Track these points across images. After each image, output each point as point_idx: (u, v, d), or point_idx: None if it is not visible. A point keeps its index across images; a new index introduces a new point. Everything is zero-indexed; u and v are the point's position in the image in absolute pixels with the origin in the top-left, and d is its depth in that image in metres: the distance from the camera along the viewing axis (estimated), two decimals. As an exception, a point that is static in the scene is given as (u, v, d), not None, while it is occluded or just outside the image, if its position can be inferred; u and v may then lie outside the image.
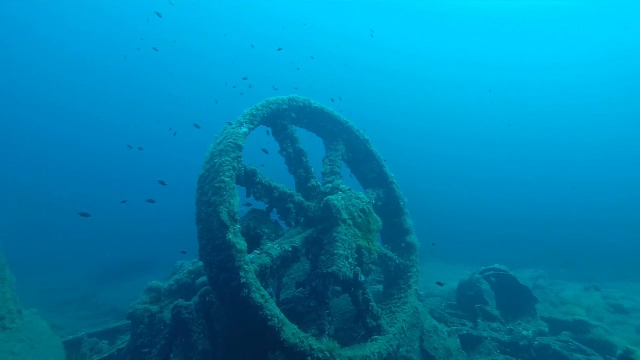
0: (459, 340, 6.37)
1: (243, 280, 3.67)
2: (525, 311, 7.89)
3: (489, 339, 6.68)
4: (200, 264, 7.19)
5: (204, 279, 5.88)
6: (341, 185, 5.19)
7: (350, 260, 4.59)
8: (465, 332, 6.66)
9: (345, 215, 4.79)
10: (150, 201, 7.47)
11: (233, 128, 4.45)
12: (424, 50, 52.17)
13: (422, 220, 6.64)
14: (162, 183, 7.25)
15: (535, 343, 6.52)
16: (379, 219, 5.35)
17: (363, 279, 4.99)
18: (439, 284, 7.60)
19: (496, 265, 8.53)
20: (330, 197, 4.83)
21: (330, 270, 4.39)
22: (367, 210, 5.19)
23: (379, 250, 5.24)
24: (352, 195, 5.11)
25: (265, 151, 6.41)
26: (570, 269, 14.34)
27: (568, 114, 49.96)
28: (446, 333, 6.34)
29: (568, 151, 44.95)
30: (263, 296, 3.76)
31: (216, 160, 4.15)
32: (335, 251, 4.50)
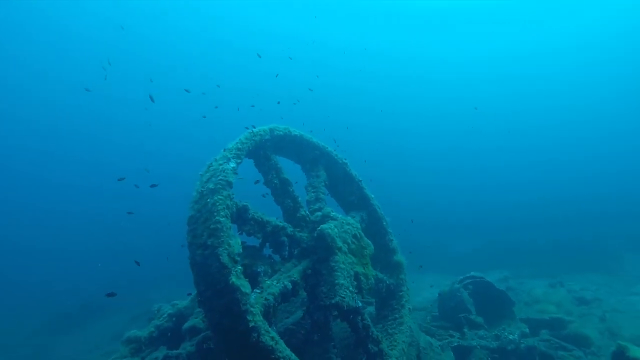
0: (452, 353, 6.48)
1: (252, 324, 3.52)
2: (505, 314, 8.19)
3: (478, 347, 6.85)
4: (181, 305, 6.80)
5: (192, 323, 5.55)
6: (331, 213, 5.17)
7: (350, 288, 4.55)
8: (456, 344, 6.78)
9: (339, 243, 4.76)
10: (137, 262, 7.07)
11: (220, 164, 4.32)
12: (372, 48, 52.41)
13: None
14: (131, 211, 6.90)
15: (522, 346, 6.78)
16: (370, 242, 5.38)
17: (360, 304, 4.96)
18: (431, 286, 7.70)
19: (472, 273, 8.82)
20: (323, 226, 4.79)
21: (334, 302, 4.32)
22: (358, 235, 5.20)
23: (374, 274, 5.23)
24: (343, 222, 5.11)
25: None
26: (532, 267, 15.18)
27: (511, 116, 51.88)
28: (439, 347, 6.42)
29: (518, 151, 46.97)
30: (273, 338, 3.62)
31: (208, 200, 3.99)
32: (336, 281, 4.45)
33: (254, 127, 5.19)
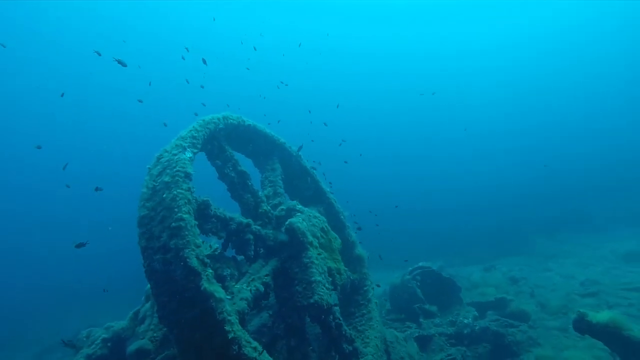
0: (415, 344, 6.44)
1: (231, 336, 3.01)
2: (453, 300, 8.44)
3: (437, 335, 6.92)
4: (118, 326, 5.88)
5: (137, 345, 4.74)
6: (297, 206, 4.78)
7: (327, 285, 4.21)
8: (417, 334, 6.78)
9: (310, 238, 4.40)
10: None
11: (174, 154, 3.71)
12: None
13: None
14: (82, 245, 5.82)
15: (476, 328, 7.00)
16: (337, 235, 5.09)
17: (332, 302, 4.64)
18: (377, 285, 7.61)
19: (421, 264, 8.97)
20: (291, 220, 4.39)
21: (312, 301, 3.94)
22: (325, 228, 4.89)
23: (345, 268, 4.94)
24: (310, 215, 4.75)
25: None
26: (462, 255, 16.18)
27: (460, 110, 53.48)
28: (403, 339, 6.34)
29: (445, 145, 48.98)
30: (255, 348, 3.15)
31: (164, 195, 3.38)
32: (312, 278, 4.08)
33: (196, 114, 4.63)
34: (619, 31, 47.74)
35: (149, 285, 5.94)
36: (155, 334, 4.88)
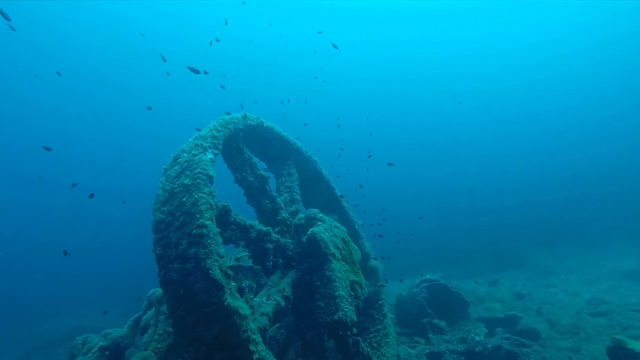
0: (427, 361, 6.18)
1: (256, 356, 2.73)
2: (461, 315, 8.19)
3: (447, 352, 6.66)
4: (116, 334, 5.55)
5: (140, 356, 4.42)
6: (318, 214, 4.51)
7: (349, 300, 3.93)
8: (427, 351, 6.51)
9: (333, 249, 4.13)
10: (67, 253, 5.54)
11: (194, 155, 3.43)
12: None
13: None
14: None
15: (489, 346, 6.74)
16: (356, 247, 4.83)
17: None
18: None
19: (427, 276, 8.73)
20: (314, 230, 4.12)
21: (336, 318, 3.66)
22: (346, 239, 4.62)
23: (366, 282, 4.67)
24: (331, 225, 4.48)
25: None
26: (461, 268, 15.95)
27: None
28: (415, 356, 6.08)
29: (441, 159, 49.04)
30: (280, 371, 2.86)
31: (184, 199, 3.09)
32: (336, 293, 3.80)
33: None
34: (627, 34, 47.31)
35: (151, 291, 5.66)
36: (159, 345, 4.57)
